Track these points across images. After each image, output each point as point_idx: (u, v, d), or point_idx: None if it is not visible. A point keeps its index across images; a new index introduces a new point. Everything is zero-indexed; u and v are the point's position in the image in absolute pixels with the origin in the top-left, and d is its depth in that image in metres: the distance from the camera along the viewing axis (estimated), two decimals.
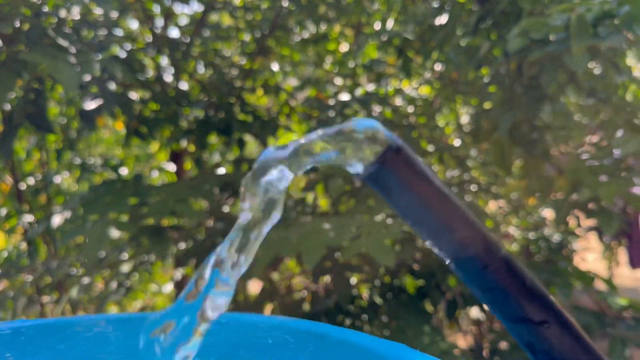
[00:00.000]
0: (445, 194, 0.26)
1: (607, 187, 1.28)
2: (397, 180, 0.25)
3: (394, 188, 0.26)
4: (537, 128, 1.60)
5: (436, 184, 0.26)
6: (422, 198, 0.25)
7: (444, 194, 0.25)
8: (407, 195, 0.26)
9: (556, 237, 5.02)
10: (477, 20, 1.54)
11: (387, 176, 0.25)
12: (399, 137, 0.27)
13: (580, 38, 1.06)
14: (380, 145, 0.26)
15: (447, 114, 3.81)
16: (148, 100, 2.02)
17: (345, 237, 1.37)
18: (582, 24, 1.06)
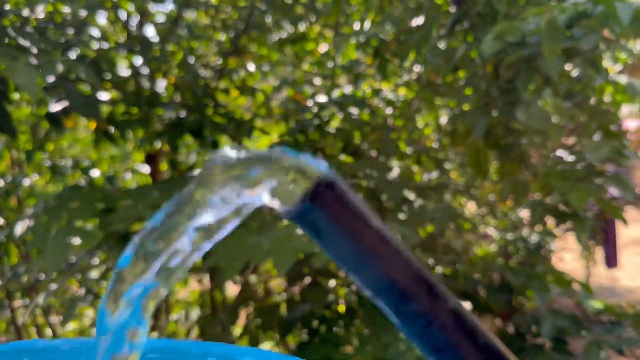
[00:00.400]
0: (385, 237, 0.22)
1: (578, 193, 1.27)
2: (330, 220, 0.22)
3: (326, 230, 0.22)
4: (512, 131, 1.58)
5: (375, 225, 0.22)
6: (358, 242, 0.22)
7: (384, 238, 0.22)
8: (341, 239, 0.22)
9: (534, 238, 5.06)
10: (453, 22, 1.52)
11: (318, 216, 0.22)
12: (330, 169, 0.23)
13: (551, 41, 1.05)
14: (310, 179, 0.22)
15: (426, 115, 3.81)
16: (119, 101, 1.96)
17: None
18: (554, 27, 1.05)
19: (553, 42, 1.04)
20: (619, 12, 1.10)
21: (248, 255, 1.39)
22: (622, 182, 1.26)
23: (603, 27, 1.20)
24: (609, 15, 1.19)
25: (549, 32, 1.04)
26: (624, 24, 1.08)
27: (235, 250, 1.45)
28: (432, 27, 1.59)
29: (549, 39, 1.03)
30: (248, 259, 1.39)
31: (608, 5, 1.13)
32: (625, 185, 1.25)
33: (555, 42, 1.04)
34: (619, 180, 1.26)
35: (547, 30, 1.04)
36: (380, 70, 1.78)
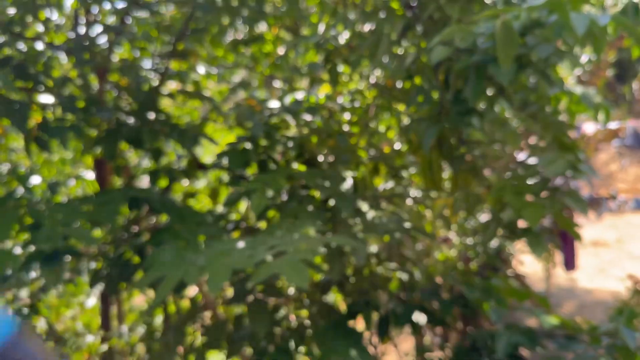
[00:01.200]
0: None
1: (532, 209, 1.21)
2: None
3: None
4: (465, 142, 1.52)
5: None
6: None
7: None
8: None
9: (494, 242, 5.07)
10: (405, 27, 1.45)
11: None
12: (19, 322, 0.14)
13: (506, 47, 0.98)
14: None
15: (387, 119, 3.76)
16: (52, 106, 1.82)
17: (258, 258, 1.24)
18: (508, 32, 0.98)
19: (508, 47, 0.97)
20: (574, 23, 1.04)
21: (182, 273, 1.28)
22: (576, 198, 1.20)
23: (557, 38, 1.15)
24: (564, 25, 1.13)
25: (504, 36, 0.97)
26: (579, 35, 1.02)
27: (170, 267, 1.34)
28: (383, 32, 1.51)
29: (504, 42, 0.97)
30: (182, 277, 1.28)
31: (562, 15, 1.07)
32: (579, 201, 1.20)
33: (511, 46, 0.97)
34: (574, 195, 1.21)
35: (502, 33, 0.98)
36: (331, 76, 1.69)
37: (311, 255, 1.21)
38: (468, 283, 1.92)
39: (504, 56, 1.01)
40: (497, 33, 1.03)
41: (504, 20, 1.04)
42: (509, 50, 1.00)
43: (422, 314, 1.97)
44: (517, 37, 1.02)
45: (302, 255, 1.20)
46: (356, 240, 1.66)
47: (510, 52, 1.00)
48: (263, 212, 1.72)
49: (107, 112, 1.65)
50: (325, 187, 1.74)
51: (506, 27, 1.02)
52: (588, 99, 1.69)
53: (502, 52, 1.00)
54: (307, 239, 1.31)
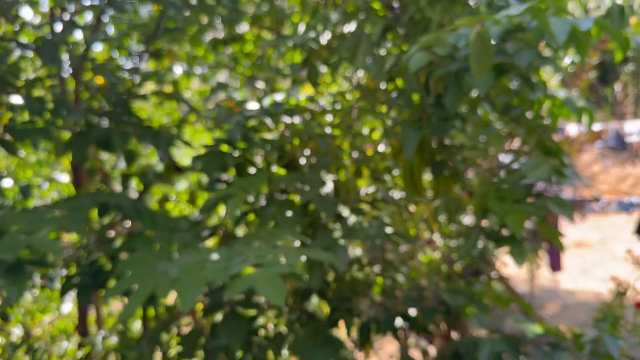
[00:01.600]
0: None
1: (516, 216, 1.17)
2: None
3: None
4: (446, 147, 1.48)
5: None
6: None
7: None
8: None
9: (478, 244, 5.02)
10: (384, 29, 1.40)
11: None
12: None
13: (481, 57, 0.94)
14: None
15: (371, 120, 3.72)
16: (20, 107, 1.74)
17: (233, 271, 1.19)
18: (484, 42, 0.94)
19: (482, 58, 0.93)
20: (554, 29, 1.00)
21: (153, 285, 1.22)
22: (562, 204, 1.17)
23: (539, 42, 1.11)
24: (545, 30, 1.09)
25: (479, 47, 0.93)
26: (559, 42, 0.98)
27: (141, 278, 1.28)
28: (363, 33, 1.46)
29: (478, 54, 0.92)
30: (152, 289, 1.22)
31: (542, 22, 1.03)
32: (565, 206, 1.17)
33: (485, 57, 0.93)
34: (559, 201, 1.18)
35: (476, 44, 0.93)
36: (310, 77, 1.64)
37: (289, 269, 1.16)
38: (451, 289, 1.88)
39: (477, 68, 0.97)
40: (472, 44, 0.99)
41: (479, 32, 1.00)
42: (483, 62, 0.96)
43: (404, 321, 1.93)
44: (492, 49, 0.98)
45: (279, 269, 1.15)
46: (337, 247, 1.61)
47: (484, 64, 0.96)
48: (241, 218, 1.66)
49: (76, 113, 1.58)
50: (304, 191, 1.69)
51: (481, 38, 0.97)
52: (571, 103, 1.66)
53: (476, 63, 0.96)
54: (286, 250, 1.26)
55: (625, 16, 1.28)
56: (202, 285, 1.14)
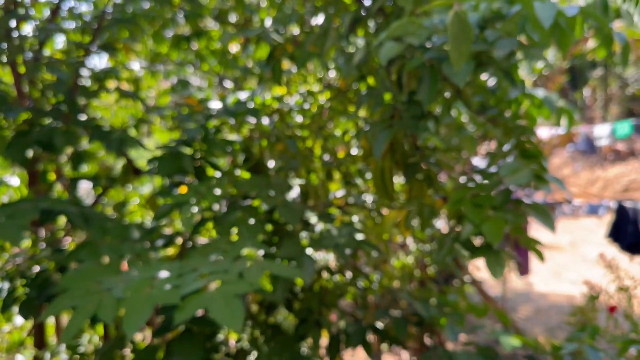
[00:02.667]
0: None
1: (493, 224, 1.07)
2: None
3: None
4: (419, 149, 1.38)
5: None
6: None
7: None
8: None
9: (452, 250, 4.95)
10: (353, 21, 1.29)
11: None
12: None
13: (459, 43, 0.83)
14: None
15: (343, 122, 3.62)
16: None
17: (185, 290, 1.05)
18: (462, 25, 0.83)
19: (461, 42, 0.82)
20: (539, 14, 0.90)
21: (95, 306, 1.08)
22: (542, 212, 1.08)
23: (520, 32, 1.01)
24: (527, 16, 1.00)
25: (457, 29, 0.82)
26: (545, 26, 0.88)
27: (83, 295, 1.14)
28: (330, 25, 1.35)
29: (457, 37, 0.82)
30: (94, 310, 1.08)
31: (526, 5, 0.94)
32: (545, 215, 1.07)
33: (464, 41, 0.82)
34: (539, 209, 1.08)
35: (454, 27, 0.83)
36: (275, 74, 1.52)
37: (248, 287, 1.03)
38: (424, 298, 1.78)
39: (456, 54, 0.86)
40: (450, 27, 0.88)
41: (457, 12, 0.89)
42: (463, 47, 0.85)
43: (375, 333, 1.82)
44: (473, 32, 0.88)
45: (238, 287, 1.03)
46: (303, 257, 1.49)
47: (464, 50, 0.85)
48: (200, 225, 1.53)
49: (14, 112, 1.42)
50: (269, 197, 1.57)
51: (459, 20, 0.87)
52: (551, 103, 1.58)
53: (455, 49, 0.86)
54: (246, 264, 1.13)
55: (609, 10, 1.19)
56: (150, 308, 1.01)
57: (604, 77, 20.87)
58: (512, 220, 1.08)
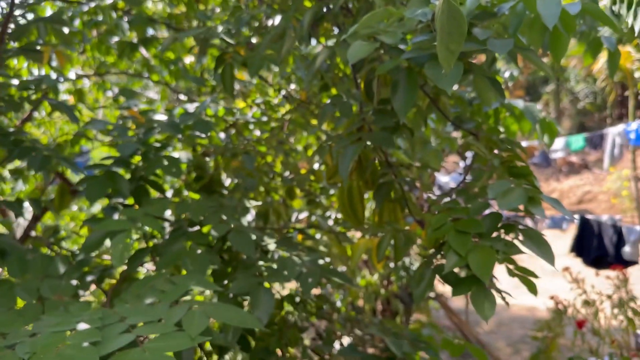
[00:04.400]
0: None
1: (481, 255, 0.91)
2: None
3: None
4: (391, 166, 1.20)
5: None
6: None
7: None
8: None
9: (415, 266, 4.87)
10: (313, 19, 1.11)
11: None
12: None
13: (450, 36, 0.67)
14: None
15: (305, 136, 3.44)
16: None
17: (107, 347, 0.83)
18: (455, 15, 0.67)
19: (453, 37, 0.65)
20: (541, 11, 0.75)
21: None
22: (538, 239, 0.92)
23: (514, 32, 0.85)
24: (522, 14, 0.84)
25: (448, 21, 0.65)
26: (548, 26, 0.73)
27: None
28: (289, 25, 1.17)
29: (447, 30, 0.65)
30: None
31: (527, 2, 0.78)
32: (542, 243, 0.92)
33: (456, 36, 0.66)
34: (534, 236, 0.93)
35: (444, 18, 0.66)
36: (225, 82, 1.32)
37: (187, 342, 0.82)
38: (395, 334, 1.60)
39: (446, 51, 0.70)
40: (439, 18, 0.71)
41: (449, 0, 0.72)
42: (454, 43, 0.69)
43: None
44: (466, 24, 0.71)
45: (174, 342, 0.82)
46: (260, 291, 1.29)
47: (455, 46, 0.69)
48: (135, 259, 1.30)
49: None
50: (219, 224, 1.36)
51: (451, 10, 0.70)
52: (532, 114, 1.44)
53: (444, 45, 0.69)
54: (188, 309, 0.92)
55: None
56: None
57: (556, 91, 21.57)
58: (504, 250, 0.92)
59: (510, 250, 0.93)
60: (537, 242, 0.93)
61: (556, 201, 0.91)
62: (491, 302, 0.96)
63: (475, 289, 0.98)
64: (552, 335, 4.82)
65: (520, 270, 1.01)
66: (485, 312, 0.95)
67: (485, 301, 0.97)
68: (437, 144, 2.29)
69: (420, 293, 1.04)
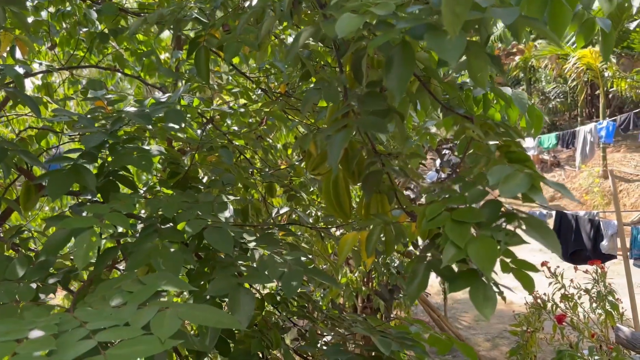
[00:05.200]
0: None
1: (482, 247, 0.83)
2: None
3: None
4: (379, 155, 1.13)
5: None
6: None
7: None
8: None
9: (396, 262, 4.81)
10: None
11: None
12: None
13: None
14: None
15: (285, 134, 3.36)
16: None
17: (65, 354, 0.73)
18: None
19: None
20: None
21: None
22: (542, 227, 0.85)
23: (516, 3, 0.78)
24: None
25: None
26: None
27: None
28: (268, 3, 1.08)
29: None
30: None
31: None
32: (547, 232, 0.85)
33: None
34: (537, 225, 0.86)
35: None
36: (199, 69, 1.22)
37: (156, 347, 0.73)
38: (382, 332, 1.52)
39: (452, 15, 0.62)
40: None
41: None
42: (461, 4, 0.61)
43: None
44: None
45: (141, 348, 0.72)
46: (239, 292, 1.19)
47: (462, 8, 0.61)
48: (102, 260, 1.20)
49: None
50: (193, 220, 1.27)
51: None
52: (521, 102, 1.38)
53: (450, 7, 0.62)
54: (159, 311, 0.82)
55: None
56: None
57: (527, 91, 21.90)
58: (506, 241, 0.85)
59: (512, 240, 0.86)
60: (542, 230, 0.86)
61: (562, 186, 0.84)
62: (492, 298, 0.89)
63: (474, 284, 0.91)
64: (531, 330, 4.83)
65: (518, 264, 0.94)
66: (486, 309, 0.88)
67: (485, 297, 0.90)
68: (416, 140, 2.22)
69: (414, 291, 0.96)
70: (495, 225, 0.89)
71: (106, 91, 1.57)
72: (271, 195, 2.17)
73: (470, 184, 0.94)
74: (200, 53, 1.20)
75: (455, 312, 9.60)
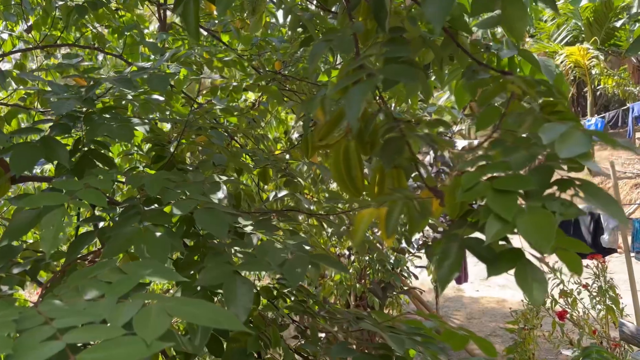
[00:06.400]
0: None
1: (537, 220, 0.68)
2: None
3: None
4: (398, 121, 0.97)
5: None
6: None
7: None
8: None
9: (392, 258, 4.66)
10: None
11: None
12: None
13: None
14: None
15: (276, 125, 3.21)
16: None
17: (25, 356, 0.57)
18: None
19: None
20: None
21: None
22: (604, 196, 0.70)
23: None
24: None
25: None
26: None
27: None
28: None
29: None
30: None
31: None
32: (611, 202, 0.70)
33: None
34: (599, 193, 0.71)
35: None
36: (186, 22, 1.05)
37: (139, 350, 0.56)
38: (392, 328, 1.37)
39: None
40: None
41: None
42: None
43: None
44: None
45: (120, 351, 0.56)
46: (234, 282, 1.03)
47: None
48: (77, 246, 1.03)
49: None
50: (182, 200, 1.10)
51: None
52: (547, 67, 1.23)
53: None
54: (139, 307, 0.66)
55: None
56: None
57: None
58: (561, 212, 0.70)
59: (568, 211, 0.71)
60: (602, 198, 0.71)
61: (631, 145, 0.69)
62: (541, 279, 0.74)
63: (520, 264, 0.76)
64: (529, 327, 4.72)
65: (567, 243, 0.80)
66: (535, 291, 0.73)
67: (534, 279, 0.75)
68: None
69: (445, 274, 0.81)
70: (547, 194, 0.74)
71: (82, 58, 1.40)
72: (265, 182, 2.00)
73: (513, 147, 0.79)
74: (189, 4, 1.03)
75: (447, 311, 9.51)
